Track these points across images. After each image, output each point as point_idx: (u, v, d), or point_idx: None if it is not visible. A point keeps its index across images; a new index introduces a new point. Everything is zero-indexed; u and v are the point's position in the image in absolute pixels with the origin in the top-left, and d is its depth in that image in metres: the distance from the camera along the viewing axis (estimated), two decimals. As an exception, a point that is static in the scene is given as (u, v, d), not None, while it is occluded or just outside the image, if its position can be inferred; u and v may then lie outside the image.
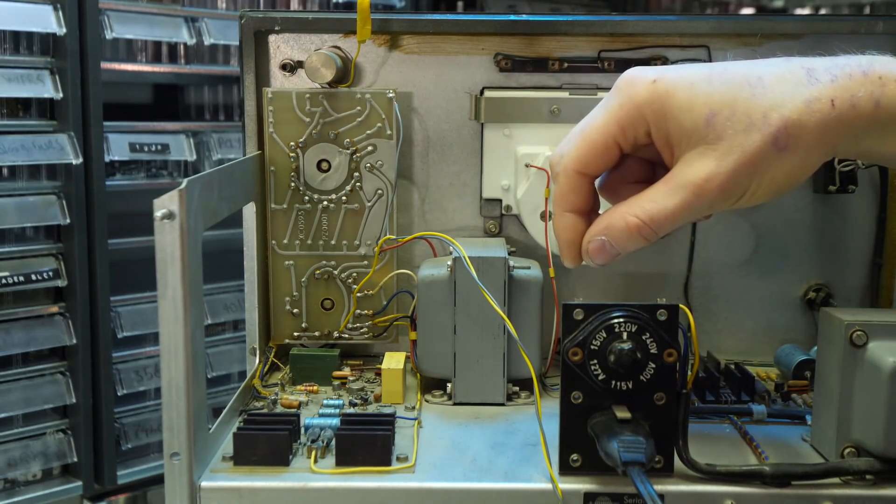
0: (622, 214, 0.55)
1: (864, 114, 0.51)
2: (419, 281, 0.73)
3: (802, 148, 0.52)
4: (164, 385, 0.56)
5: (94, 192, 1.47)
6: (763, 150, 0.52)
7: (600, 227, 0.56)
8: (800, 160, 0.52)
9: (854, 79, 0.52)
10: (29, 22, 1.40)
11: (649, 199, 0.55)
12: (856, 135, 0.53)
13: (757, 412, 0.68)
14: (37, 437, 1.47)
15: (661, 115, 0.54)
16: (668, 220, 0.54)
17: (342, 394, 0.74)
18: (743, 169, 0.52)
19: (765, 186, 0.53)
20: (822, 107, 0.51)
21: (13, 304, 1.44)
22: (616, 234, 0.56)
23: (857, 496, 0.58)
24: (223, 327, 1.71)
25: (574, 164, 0.57)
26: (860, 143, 0.53)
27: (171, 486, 0.57)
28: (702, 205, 0.53)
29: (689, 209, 0.54)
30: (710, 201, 0.53)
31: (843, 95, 0.51)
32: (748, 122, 0.52)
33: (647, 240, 0.56)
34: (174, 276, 0.55)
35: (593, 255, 0.57)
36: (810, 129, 0.51)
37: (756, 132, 0.51)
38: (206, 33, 1.61)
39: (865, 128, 0.52)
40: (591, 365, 0.57)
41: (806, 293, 0.83)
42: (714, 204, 0.54)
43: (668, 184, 0.54)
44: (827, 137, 0.52)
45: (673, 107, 0.53)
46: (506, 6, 2.14)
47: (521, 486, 0.58)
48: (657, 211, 0.54)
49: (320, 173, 0.79)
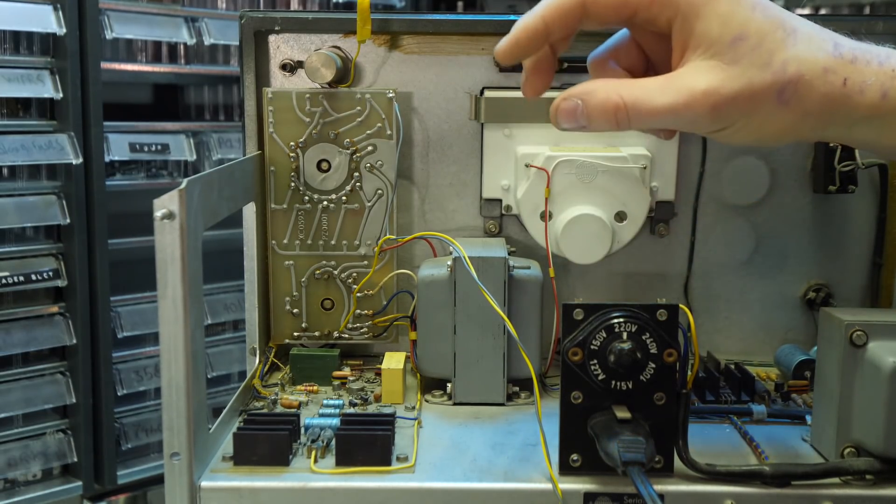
0: (607, 88, 0.54)
1: (869, 101, 0.52)
2: (419, 281, 0.73)
3: (801, 109, 0.52)
4: (164, 385, 0.56)
5: (94, 192, 1.47)
6: (767, 93, 0.52)
7: (580, 90, 0.55)
8: (792, 121, 0.53)
9: (870, 66, 0.52)
10: (29, 22, 1.40)
11: (641, 86, 0.54)
12: (853, 121, 0.53)
13: (757, 412, 0.68)
14: (37, 437, 1.47)
15: (695, 11, 0.53)
16: (649, 115, 0.53)
17: (342, 394, 0.74)
18: (741, 100, 0.52)
19: (751, 128, 0.53)
20: (835, 80, 0.52)
21: (13, 304, 1.44)
22: (593, 103, 0.54)
23: (857, 496, 0.58)
24: (223, 327, 1.71)
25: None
26: (855, 131, 0.54)
27: (171, 486, 0.57)
28: (688, 115, 0.52)
29: (675, 114, 0.53)
30: (697, 115, 0.52)
31: (856, 78, 0.52)
32: (768, 59, 0.52)
33: (619, 124, 0.54)
34: (174, 276, 0.55)
35: (561, 114, 0.55)
36: (816, 95, 0.52)
37: (769, 73, 0.52)
38: (206, 33, 1.61)
39: (866, 115, 0.53)
40: (591, 365, 0.57)
41: (806, 293, 0.83)
42: (698, 120, 0.53)
43: (667, 80, 0.54)
44: (827, 110, 0.52)
45: (710, 10, 0.52)
46: (506, 6, 2.14)
47: (521, 486, 0.58)
48: (643, 101, 0.53)
49: (320, 173, 0.79)
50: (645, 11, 0.54)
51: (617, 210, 0.77)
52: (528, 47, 0.57)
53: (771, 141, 0.54)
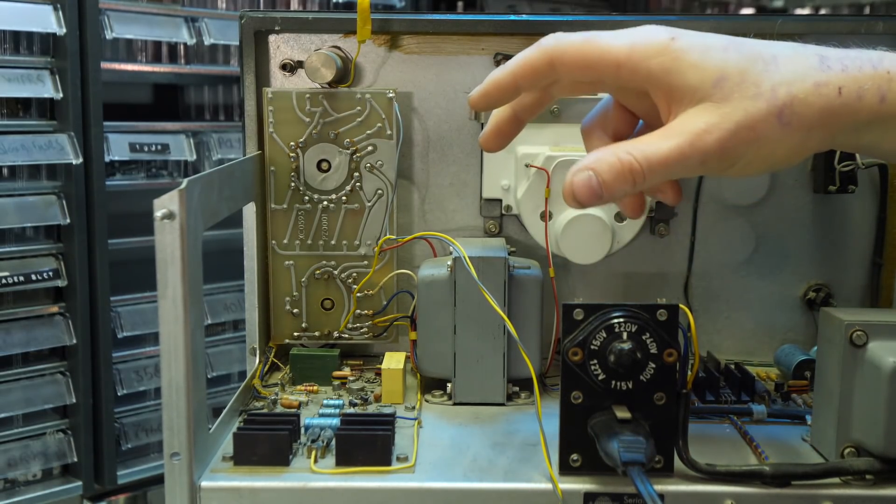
0: (614, 151, 0.53)
1: (869, 107, 0.52)
2: (419, 281, 0.73)
3: (804, 127, 0.52)
4: (164, 385, 0.56)
5: (94, 192, 1.47)
6: (767, 119, 0.52)
7: (589, 161, 0.54)
8: (799, 139, 0.53)
9: (863, 72, 0.52)
10: (29, 22, 1.40)
11: (644, 141, 0.53)
12: (857, 127, 0.53)
13: (757, 412, 0.68)
14: (37, 437, 1.47)
15: (667, 68, 0.53)
16: (661, 164, 0.52)
17: (342, 394, 0.74)
18: (743, 132, 0.52)
19: (761, 158, 0.53)
20: (830, 92, 0.52)
21: (13, 304, 1.44)
22: (605, 168, 0.53)
23: (857, 496, 0.58)
24: (223, 327, 1.71)
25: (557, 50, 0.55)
26: (861, 136, 0.54)
27: (171, 486, 0.57)
28: (696, 157, 0.52)
29: (683, 157, 0.52)
30: (704, 154, 0.52)
31: (851, 86, 0.52)
32: (756, 91, 0.52)
33: (636, 182, 0.53)
34: (174, 276, 0.55)
35: (578, 190, 0.54)
36: (814, 110, 0.52)
37: (762, 101, 0.51)
38: (206, 33, 1.61)
39: (868, 121, 0.52)
40: (591, 365, 0.57)
41: (806, 293, 0.83)
42: (707, 160, 0.52)
43: (665, 130, 0.53)
44: (829, 123, 0.52)
45: (684, 63, 0.53)
46: (506, 6, 2.15)
47: (521, 486, 0.58)
48: (651, 152, 0.52)
49: (320, 173, 0.79)
50: (613, 76, 0.54)
51: (617, 210, 0.77)
52: (498, 99, 0.59)
53: (783, 164, 0.54)
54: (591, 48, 0.55)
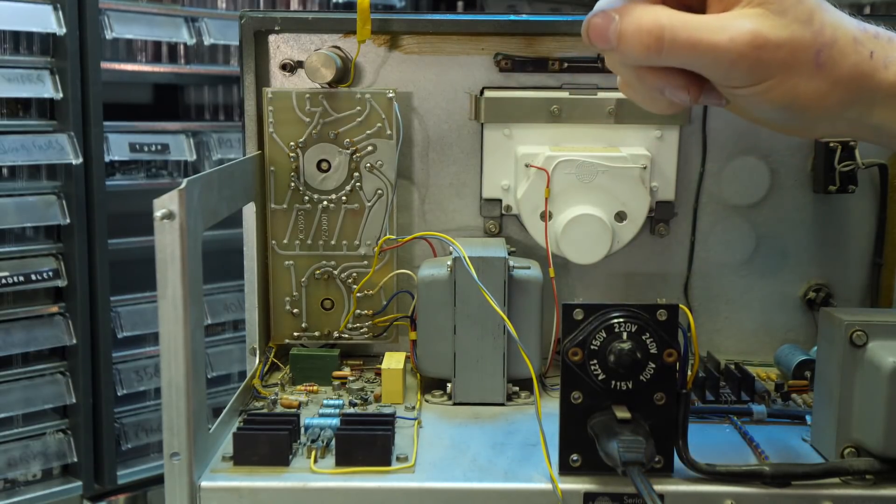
0: (649, 9, 0.51)
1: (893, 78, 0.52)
2: (419, 281, 0.73)
3: (834, 76, 0.52)
4: (164, 385, 0.56)
5: (94, 192, 1.47)
6: (808, 50, 0.51)
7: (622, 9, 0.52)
8: (826, 87, 0.52)
9: (893, 43, 0.53)
10: (29, 22, 1.40)
11: (685, 16, 0.51)
12: (874, 99, 0.53)
13: (757, 412, 0.68)
14: (37, 437, 1.47)
15: None
16: (687, 47, 0.50)
17: (342, 394, 0.74)
18: (784, 51, 0.51)
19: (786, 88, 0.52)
20: (863, 51, 0.52)
21: (13, 304, 1.44)
22: (632, 20, 0.51)
23: (857, 496, 0.58)
24: (223, 327, 1.71)
25: None
26: (874, 112, 0.53)
27: (171, 486, 0.57)
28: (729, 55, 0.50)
29: (715, 51, 0.50)
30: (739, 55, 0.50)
31: (881, 53, 0.52)
32: (809, 17, 0.51)
33: (651, 51, 0.51)
34: (174, 276, 0.55)
35: (592, 29, 0.52)
36: (848, 63, 0.52)
37: (810, 31, 0.51)
38: (206, 33, 1.62)
39: (886, 94, 0.53)
40: (591, 365, 0.57)
41: (806, 293, 0.83)
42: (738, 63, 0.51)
43: (713, 18, 0.52)
44: (855, 81, 0.52)
45: None
46: (506, 6, 2.14)
47: (521, 486, 0.58)
48: (686, 29, 0.50)
49: (320, 173, 0.79)
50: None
51: (617, 210, 0.77)
52: None
53: (798, 108, 0.53)
54: None
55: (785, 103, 0.53)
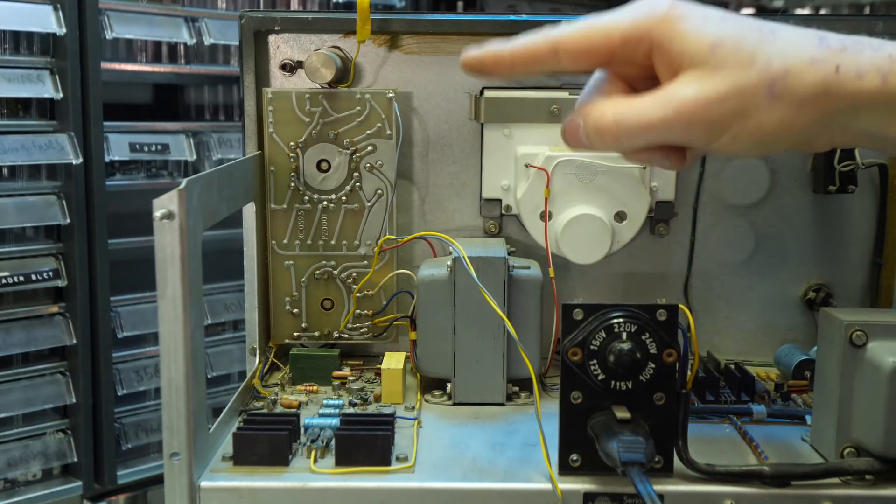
0: (602, 108, 0.55)
1: (869, 87, 0.51)
2: (419, 281, 0.73)
3: (795, 102, 0.52)
4: (164, 385, 0.56)
5: (94, 192, 1.47)
6: (756, 90, 0.51)
7: (581, 112, 0.56)
8: (789, 115, 0.52)
9: (863, 53, 0.52)
10: (29, 22, 1.40)
11: (631, 104, 0.54)
12: (857, 108, 0.52)
13: (757, 412, 0.68)
14: (37, 437, 1.47)
15: (668, 35, 0.53)
16: (640, 129, 0.53)
17: (342, 394, 0.74)
18: (731, 101, 0.52)
19: (748, 132, 0.53)
20: (826, 68, 0.51)
21: (13, 304, 1.44)
22: (589, 122, 0.55)
23: (857, 496, 0.58)
24: (223, 327, 1.71)
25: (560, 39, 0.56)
26: (860, 120, 0.53)
27: (171, 486, 0.57)
28: (680, 123, 0.52)
29: (667, 125, 0.53)
30: (689, 121, 0.52)
31: (849, 65, 0.52)
32: (750, 59, 0.52)
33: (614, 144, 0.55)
34: (174, 276, 0.55)
35: (567, 132, 0.57)
36: (808, 85, 0.51)
37: (755, 71, 0.51)
38: (206, 33, 1.61)
39: (869, 102, 0.52)
40: (590, 365, 0.57)
41: (806, 293, 0.83)
42: (692, 127, 0.52)
43: (656, 94, 0.54)
44: (823, 100, 0.52)
45: (682, 29, 0.53)
46: (506, 6, 2.14)
47: (521, 486, 0.58)
48: (632, 117, 0.53)
49: (320, 173, 0.79)
50: (620, 52, 0.55)
51: (617, 210, 0.77)
52: (491, 72, 0.57)
53: (772, 142, 0.54)
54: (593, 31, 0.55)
55: (756, 141, 0.53)
